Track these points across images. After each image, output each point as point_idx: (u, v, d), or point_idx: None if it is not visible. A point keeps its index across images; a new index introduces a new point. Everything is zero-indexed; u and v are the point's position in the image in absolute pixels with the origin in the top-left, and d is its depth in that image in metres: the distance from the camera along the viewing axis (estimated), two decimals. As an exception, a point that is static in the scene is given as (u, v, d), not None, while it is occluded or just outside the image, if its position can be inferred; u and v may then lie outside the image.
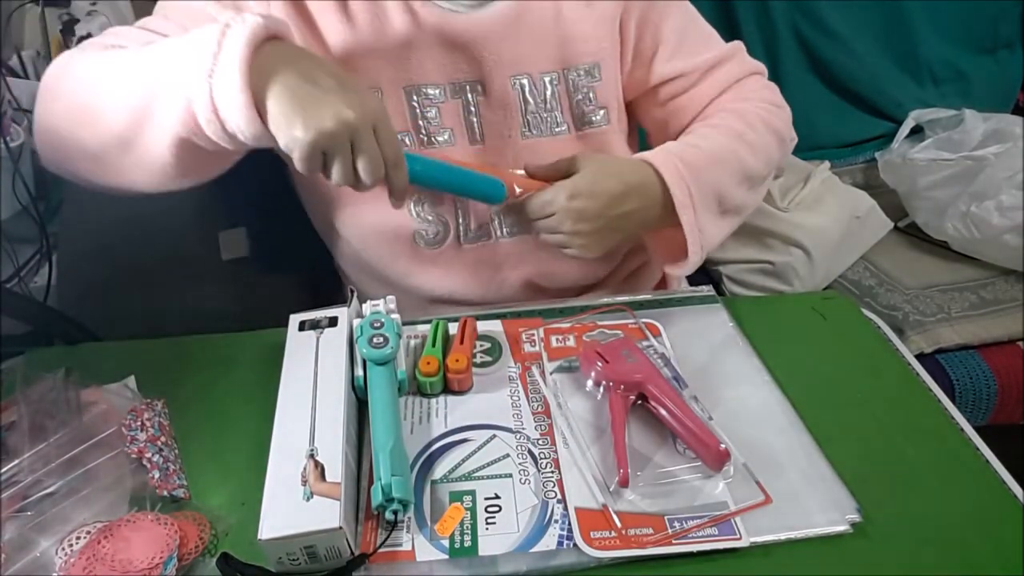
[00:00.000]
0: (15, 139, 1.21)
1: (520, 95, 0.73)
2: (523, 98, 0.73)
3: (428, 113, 0.73)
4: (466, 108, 0.73)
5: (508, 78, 0.72)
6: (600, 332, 0.69)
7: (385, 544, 0.51)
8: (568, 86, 0.74)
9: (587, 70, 0.74)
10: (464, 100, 0.73)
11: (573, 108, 0.75)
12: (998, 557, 0.51)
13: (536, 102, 0.74)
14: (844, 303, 0.76)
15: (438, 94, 0.72)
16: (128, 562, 0.49)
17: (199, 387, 0.66)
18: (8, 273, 1.17)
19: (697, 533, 0.51)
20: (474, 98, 0.73)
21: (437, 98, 0.73)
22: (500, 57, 0.71)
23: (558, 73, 0.74)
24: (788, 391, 0.63)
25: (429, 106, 0.72)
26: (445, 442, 0.59)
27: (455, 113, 0.73)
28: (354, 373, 0.61)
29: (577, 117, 0.76)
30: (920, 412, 0.63)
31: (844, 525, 0.52)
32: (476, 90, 0.73)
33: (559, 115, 0.75)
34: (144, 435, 0.59)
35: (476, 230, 0.77)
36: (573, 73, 0.74)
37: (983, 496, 0.56)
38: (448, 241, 0.77)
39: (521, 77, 0.73)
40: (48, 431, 0.57)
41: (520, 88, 0.73)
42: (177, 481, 0.57)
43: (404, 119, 0.73)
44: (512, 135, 0.75)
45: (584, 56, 0.74)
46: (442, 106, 0.73)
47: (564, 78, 0.74)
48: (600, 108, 0.76)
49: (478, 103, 0.73)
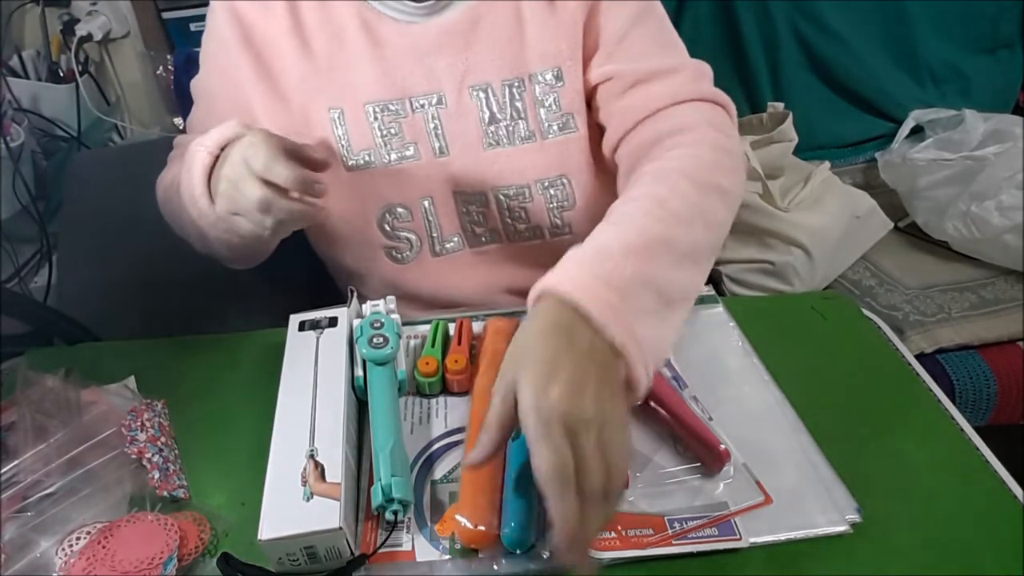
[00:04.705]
0: (15, 139, 1.21)
1: (481, 105, 0.71)
2: (484, 108, 0.71)
3: (392, 129, 0.72)
4: (428, 121, 0.72)
5: (467, 88, 0.71)
6: (600, 332, 0.69)
7: (385, 544, 0.51)
8: (532, 93, 0.71)
9: (552, 76, 0.71)
10: (425, 114, 0.72)
11: (538, 116, 0.72)
12: (998, 557, 0.51)
13: (498, 111, 0.71)
14: (844, 303, 0.76)
15: (399, 109, 0.72)
16: (128, 562, 0.49)
17: (199, 387, 0.66)
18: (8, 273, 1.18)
19: (697, 533, 0.51)
20: (435, 111, 0.72)
21: (400, 113, 0.72)
22: (456, 67, 0.70)
23: (521, 80, 0.71)
24: (788, 391, 0.63)
25: (392, 121, 0.72)
26: (445, 442, 0.59)
27: (419, 127, 0.72)
28: (354, 373, 0.61)
29: (543, 125, 0.72)
30: (920, 412, 0.63)
31: (844, 525, 0.52)
32: (436, 102, 0.72)
33: (523, 124, 0.72)
34: (144, 435, 0.59)
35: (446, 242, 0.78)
36: (537, 79, 0.71)
37: (983, 496, 0.56)
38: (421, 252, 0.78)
39: (480, 87, 0.71)
40: (48, 431, 0.57)
41: (480, 99, 0.71)
42: (177, 481, 0.57)
43: (369, 136, 0.72)
44: (475, 147, 0.73)
45: (546, 61, 0.71)
46: (404, 121, 0.72)
47: (527, 85, 0.71)
48: (566, 114, 0.72)
49: (439, 115, 0.72)
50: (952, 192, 1.18)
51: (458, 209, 0.76)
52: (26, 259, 1.24)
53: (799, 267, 1.15)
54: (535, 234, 0.77)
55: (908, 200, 1.26)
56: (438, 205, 0.76)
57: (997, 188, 1.13)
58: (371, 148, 0.73)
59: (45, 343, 0.75)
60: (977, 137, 1.21)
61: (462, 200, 0.76)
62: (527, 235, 0.77)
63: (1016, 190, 1.12)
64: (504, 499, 0.52)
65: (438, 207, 0.76)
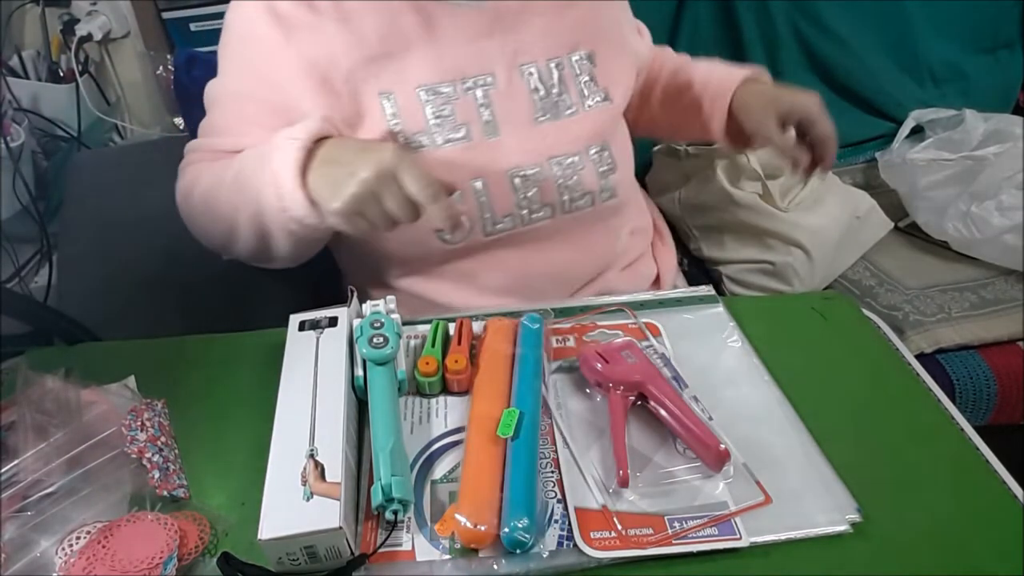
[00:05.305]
0: (15, 139, 1.21)
1: (530, 82, 0.76)
2: (533, 85, 0.76)
3: (443, 111, 0.74)
4: (478, 101, 0.75)
5: (517, 67, 0.75)
6: (600, 332, 0.69)
7: (385, 544, 0.51)
8: (572, 69, 0.78)
9: (587, 54, 0.78)
10: (475, 95, 0.74)
11: (579, 89, 0.78)
12: (998, 557, 0.51)
13: (546, 88, 0.77)
14: (844, 303, 0.76)
15: (451, 91, 0.74)
16: (128, 562, 0.49)
17: (199, 387, 0.66)
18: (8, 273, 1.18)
19: (697, 533, 0.51)
20: (486, 91, 0.74)
21: (451, 95, 0.74)
22: (507, 47, 0.74)
23: (562, 58, 0.77)
24: (788, 391, 0.63)
25: (444, 104, 0.74)
26: (445, 442, 0.59)
27: (470, 108, 0.74)
28: (354, 373, 0.61)
29: (584, 97, 0.79)
30: (920, 412, 0.63)
31: (844, 525, 0.52)
32: (488, 82, 0.74)
33: (567, 98, 0.78)
34: (144, 435, 0.59)
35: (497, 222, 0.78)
36: (576, 56, 0.78)
37: (983, 496, 0.56)
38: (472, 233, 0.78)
39: (529, 65, 0.75)
40: (48, 431, 0.57)
41: (529, 76, 0.76)
42: (177, 481, 0.57)
43: (422, 119, 0.74)
44: (526, 122, 0.77)
45: (587, 40, 0.78)
46: (456, 103, 0.74)
47: (567, 61, 0.78)
48: (602, 88, 0.79)
49: (489, 95, 0.75)
50: (952, 192, 1.18)
51: (511, 187, 0.77)
52: (26, 259, 1.24)
53: (799, 267, 1.15)
54: (587, 201, 0.80)
55: (908, 200, 1.26)
56: (491, 185, 0.76)
57: (997, 188, 1.13)
58: (424, 131, 0.74)
59: (45, 343, 0.75)
60: (977, 137, 1.21)
61: (515, 177, 0.77)
62: (580, 203, 0.80)
63: (1016, 190, 1.12)
64: (504, 499, 0.52)
65: (491, 187, 0.76)
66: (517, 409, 0.58)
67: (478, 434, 0.57)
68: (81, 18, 1.42)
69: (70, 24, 1.41)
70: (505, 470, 0.54)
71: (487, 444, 0.56)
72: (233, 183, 0.71)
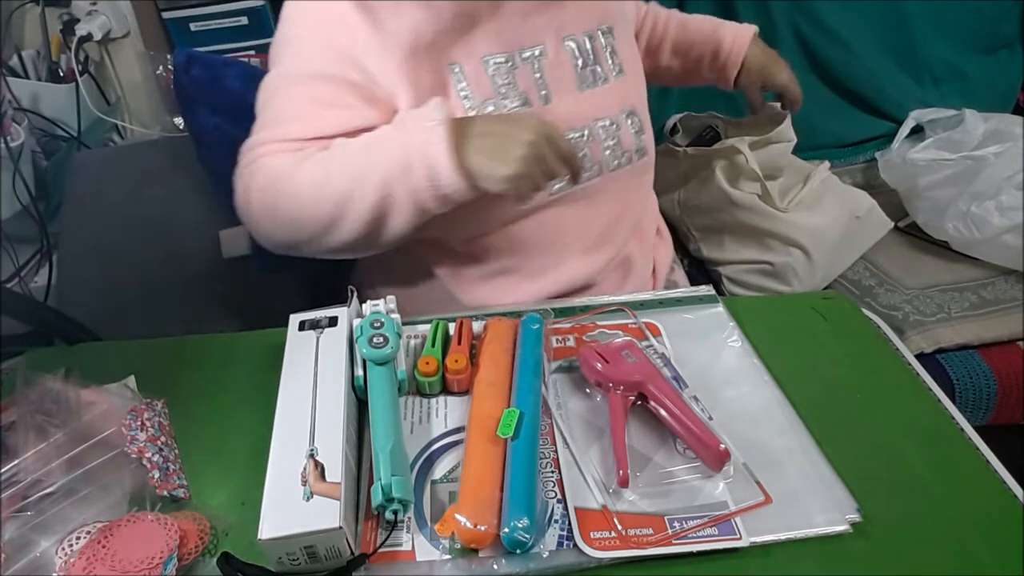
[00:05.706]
0: (15, 139, 1.21)
1: (573, 53, 0.82)
2: (575, 55, 0.82)
3: (507, 79, 0.78)
4: (533, 72, 0.80)
5: (562, 39, 0.81)
6: (600, 332, 0.69)
7: (385, 544, 0.51)
8: (600, 41, 0.85)
9: (609, 27, 0.85)
10: (531, 65, 0.80)
11: (607, 60, 0.85)
12: (998, 557, 0.51)
13: (584, 59, 0.83)
14: (844, 303, 0.76)
15: (512, 62, 0.79)
16: (128, 562, 0.49)
17: (199, 387, 0.66)
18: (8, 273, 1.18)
19: (697, 533, 0.51)
20: (539, 62, 0.80)
21: (512, 65, 0.79)
22: (554, 21, 0.80)
23: (592, 32, 0.84)
24: (788, 391, 0.63)
25: (506, 73, 0.78)
26: (445, 442, 0.59)
27: (527, 77, 0.79)
28: (354, 373, 0.61)
29: (611, 67, 0.85)
30: (920, 412, 0.63)
31: (844, 525, 0.52)
32: (539, 54, 0.80)
33: (599, 68, 0.84)
34: (144, 435, 0.59)
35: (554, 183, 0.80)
36: (601, 29, 0.85)
37: (983, 496, 0.56)
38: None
39: (570, 38, 0.82)
40: (48, 431, 0.57)
41: (571, 48, 0.82)
42: (177, 481, 0.57)
43: (490, 87, 0.78)
44: (572, 90, 0.82)
45: (608, 16, 0.85)
46: (516, 72, 0.79)
47: (597, 35, 0.84)
48: (622, 60, 0.86)
49: (542, 65, 0.80)
50: (952, 192, 1.18)
51: None
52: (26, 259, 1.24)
53: (798, 268, 1.15)
54: (626, 159, 0.87)
55: (908, 200, 1.26)
56: None
57: (997, 188, 1.13)
58: (492, 98, 0.78)
59: (45, 343, 0.75)
60: (977, 137, 1.21)
61: (570, 140, 0.82)
62: (622, 161, 0.86)
63: (1016, 190, 1.12)
64: (504, 499, 0.52)
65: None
66: (517, 409, 0.58)
67: (478, 434, 0.57)
68: (81, 18, 1.42)
69: (70, 24, 1.41)
70: (505, 470, 0.54)
71: (487, 444, 0.56)
72: (347, 170, 0.70)
